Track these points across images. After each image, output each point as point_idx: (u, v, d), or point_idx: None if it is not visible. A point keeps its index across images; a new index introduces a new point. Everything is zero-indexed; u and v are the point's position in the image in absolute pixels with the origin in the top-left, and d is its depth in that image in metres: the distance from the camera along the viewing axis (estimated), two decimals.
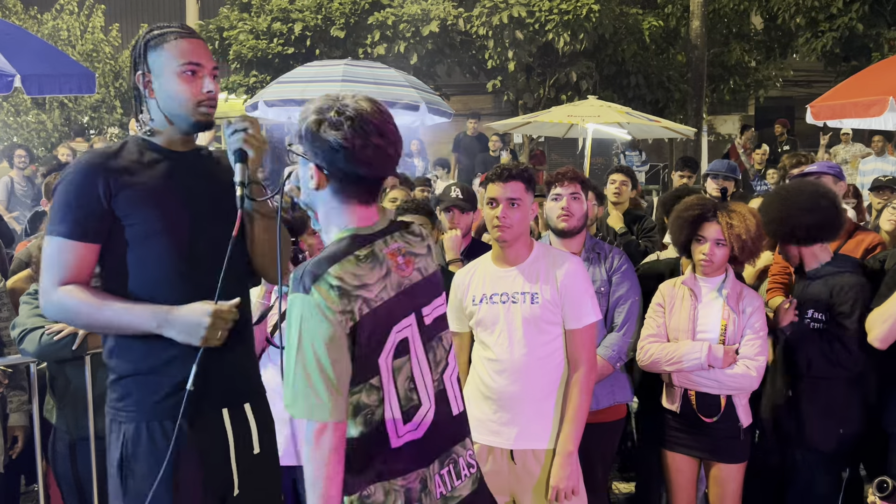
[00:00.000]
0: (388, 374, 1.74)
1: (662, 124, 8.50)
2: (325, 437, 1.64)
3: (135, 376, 1.94)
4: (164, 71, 1.94)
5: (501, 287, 2.67)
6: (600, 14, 11.21)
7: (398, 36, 11.97)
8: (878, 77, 6.58)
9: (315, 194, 1.74)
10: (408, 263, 1.80)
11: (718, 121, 17.54)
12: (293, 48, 12.00)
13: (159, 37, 1.96)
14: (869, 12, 11.91)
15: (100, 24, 13.58)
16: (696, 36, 12.46)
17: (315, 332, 1.63)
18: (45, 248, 1.92)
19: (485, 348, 2.70)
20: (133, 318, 1.89)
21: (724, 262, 2.97)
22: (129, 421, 1.93)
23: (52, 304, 1.92)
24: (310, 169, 1.71)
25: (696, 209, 3.03)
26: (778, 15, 13.13)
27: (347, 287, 1.65)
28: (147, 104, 1.98)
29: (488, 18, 11.69)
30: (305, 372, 1.63)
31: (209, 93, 1.96)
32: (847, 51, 12.54)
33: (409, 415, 1.77)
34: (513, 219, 2.61)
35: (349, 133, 1.66)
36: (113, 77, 13.42)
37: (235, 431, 2.03)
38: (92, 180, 1.90)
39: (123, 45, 14.18)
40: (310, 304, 1.63)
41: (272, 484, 2.17)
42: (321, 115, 1.68)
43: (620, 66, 12.27)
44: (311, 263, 1.67)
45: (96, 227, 1.91)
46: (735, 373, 2.87)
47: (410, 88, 7.12)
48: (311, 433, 1.66)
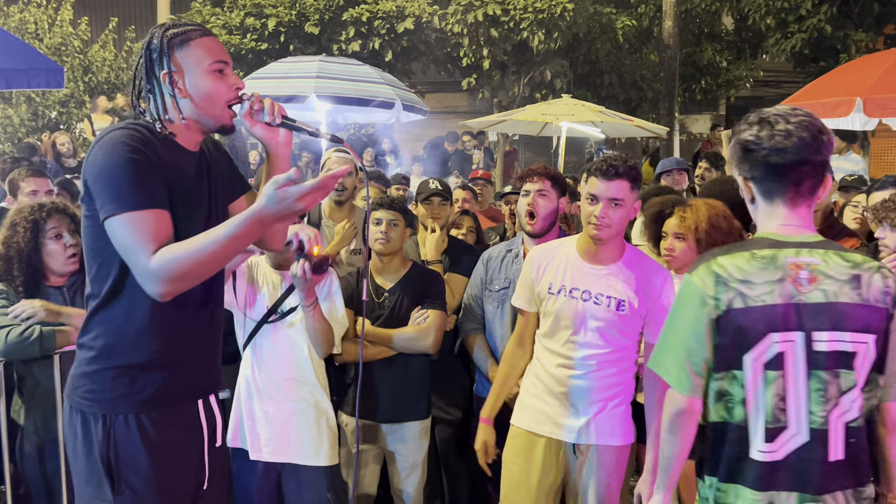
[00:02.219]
0: (754, 378, 1.79)
1: (635, 123, 8.57)
2: (670, 403, 1.87)
3: (124, 369, 1.90)
4: (195, 69, 1.91)
5: (585, 283, 2.61)
6: (574, 13, 11.28)
7: (373, 33, 11.93)
8: (846, 78, 6.70)
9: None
10: (811, 280, 1.77)
11: (690, 120, 17.73)
12: (267, 44, 11.90)
13: (183, 35, 1.93)
14: (837, 14, 12.11)
15: (68, 17, 13.32)
16: (669, 36, 12.58)
17: (683, 308, 1.85)
18: (120, 229, 1.76)
19: (551, 340, 2.67)
20: (235, 228, 1.75)
21: (686, 256, 3.00)
22: (112, 413, 1.90)
23: (153, 277, 1.75)
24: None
25: (658, 206, 3.10)
26: (749, 16, 13.30)
27: (726, 277, 1.79)
28: (177, 101, 1.92)
29: (463, 16, 11.70)
30: (671, 341, 1.86)
31: (237, 88, 1.96)
32: (816, 52, 12.74)
33: (773, 434, 1.78)
34: (612, 218, 2.52)
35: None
36: (82, 72, 13.19)
37: (208, 425, 2.04)
38: (146, 150, 1.82)
39: (92, 39, 13.95)
40: (688, 282, 1.84)
41: (225, 470, 2.20)
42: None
43: (594, 64, 12.36)
44: (717, 249, 1.87)
45: (162, 194, 1.82)
46: None
47: (385, 86, 7.10)
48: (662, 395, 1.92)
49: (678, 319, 1.87)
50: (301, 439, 2.94)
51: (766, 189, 1.83)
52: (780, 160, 1.76)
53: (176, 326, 1.94)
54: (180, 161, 1.93)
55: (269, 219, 1.75)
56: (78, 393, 1.93)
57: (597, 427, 2.62)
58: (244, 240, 1.78)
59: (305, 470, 2.96)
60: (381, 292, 3.19)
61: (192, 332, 1.99)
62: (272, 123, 1.99)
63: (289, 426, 2.93)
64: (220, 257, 1.79)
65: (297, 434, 2.93)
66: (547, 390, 2.66)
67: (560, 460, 2.66)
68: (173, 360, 1.94)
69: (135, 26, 15.01)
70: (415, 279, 3.22)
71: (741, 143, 1.82)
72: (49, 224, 2.94)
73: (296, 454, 2.94)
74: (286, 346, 2.95)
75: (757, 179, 1.84)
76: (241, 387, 3.00)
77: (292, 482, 2.98)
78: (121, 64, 13.87)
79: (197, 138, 2.00)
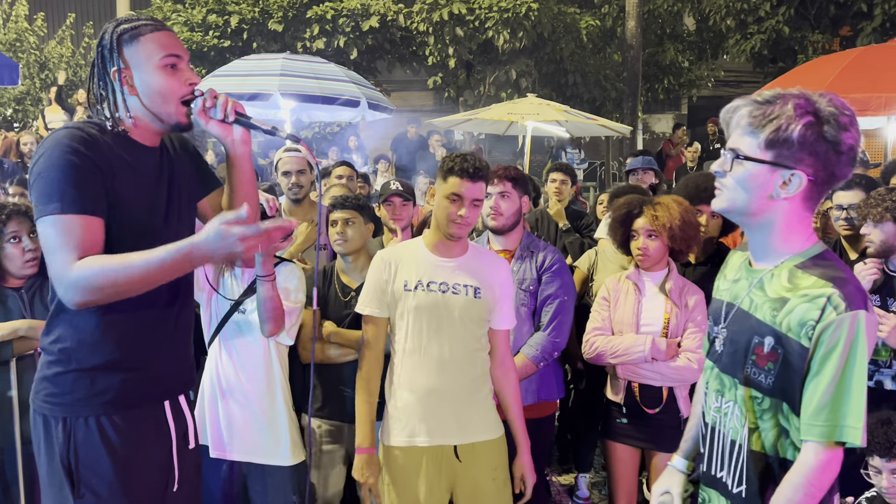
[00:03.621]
0: None
1: (599, 122, 8.66)
2: (835, 465, 1.56)
3: (84, 372, 1.87)
4: (145, 65, 1.86)
5: (440, 276, 2.60)
6: (539, 13, 11.36)
7: (338, 30, 11.87)
8: (803, 78, 6.84)
9: (776, 204, 1.62)
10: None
11: (653, 119, 17.99)
12: (229, 41, 11.77)
13: (133, 30, 1.88)
14: (794, 16, 12.39)
15: (24, 12, 13.03)
16: (632, 36, 12.73)
17: (869, 351, 1.56)
18: (47, 230, 1.73)
19: (410, 339, 2.59)
20: (166, 256, 1.69)
21: (659, 253, 3.04)
22: (73, 416, 1.86)
23: (72, 284, 1.70)
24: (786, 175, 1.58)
25: (625, 207, 3.11)
26: (709, 17, 13.54)
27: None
28: (125, 100, 1.88)
29: (428, 15, 11.70)
30: (848, 392, 1.54)
31: (192, 84, 1.91)
32: (774, 52, 13.01)
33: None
34: (473, 217, 2.58)
35: (855, 134, 1.57)
36: (38, 68, 12.90)
37: (177, 428, 2.01)
38: (88, 152, 1.77)
39: (49, 35, 13.66)
40: (872, 324, 1.57)
41: (199, 478, 2.17)
42: (817, 116, 1.55)
43: (559, 64, 12.46)
44: (844, 278, 1.58)
45: (100, 200, 1.77)
46: (677, 365, 2.95)
47: (350, 84, 7.06)
48: (820, 459, 1.56)
49: (860, 362, 1.56)
50: (263, 439, 2.92)
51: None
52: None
53: (138, 328, 1.91)
54: (135, 157, 1.89)
55: (202, 253, 1.68)
56: (39, 396, 1.90)
57: (473, 424, 2.59)
58: (173, 270, 1.72)
59: (270, 470, 2.94)
60: (347, 291, 3.18)
61: (157, 334, 1.95)
62: (226, 120, 1.94)
63: (251, 425, 2.92)
64: (146, 281, 1.73)
65: (259, 434, 2.92)
66: (411, 394, 2.57)
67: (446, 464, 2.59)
68: (136, 362, 1.91)
69: (93, 22, 14.71)
70: None
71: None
72: (8, 227, 2.87)
73: (258, 453, 2.93)
74: (250, 344, 2.93)
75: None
76: (206, 384, 2.99)
77: (258, 483, 2.97)
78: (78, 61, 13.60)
79: (154, 133, 1.96)
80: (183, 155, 2.07)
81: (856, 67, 6.27)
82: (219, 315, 2.98)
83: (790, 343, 1.59)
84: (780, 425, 1.64)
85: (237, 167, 2.04)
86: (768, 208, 1.62)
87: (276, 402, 2.94)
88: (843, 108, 1.56)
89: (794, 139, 1.54)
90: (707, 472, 1.82)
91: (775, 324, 1.62)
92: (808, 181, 1.57)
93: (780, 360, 1.61)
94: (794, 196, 1.59)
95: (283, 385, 2.97)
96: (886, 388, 2.88)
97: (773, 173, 1.58)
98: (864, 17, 11.99)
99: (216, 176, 2.19)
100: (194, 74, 1.94)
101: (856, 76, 6.15)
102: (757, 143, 1.59)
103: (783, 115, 1.55)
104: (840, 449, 1.56)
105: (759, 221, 1.65)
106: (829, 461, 1.56)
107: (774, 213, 1.62)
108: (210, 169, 2.18)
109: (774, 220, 1.63)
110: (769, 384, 1.64)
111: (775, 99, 1.57)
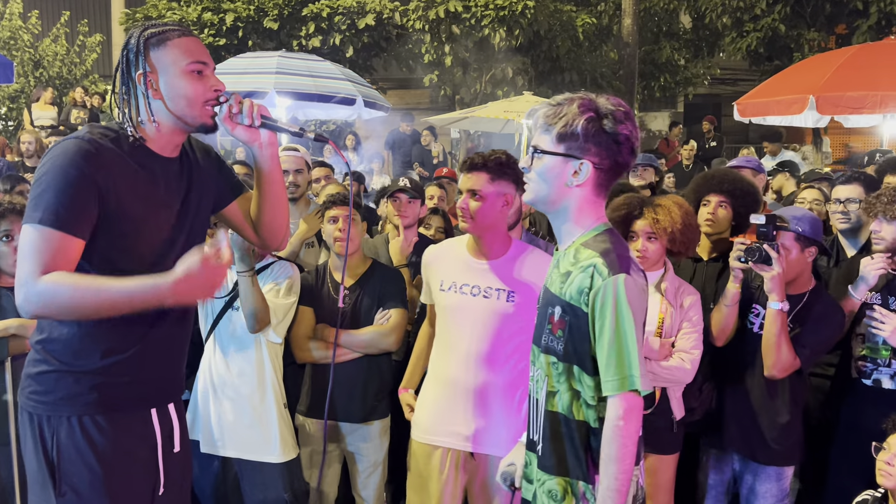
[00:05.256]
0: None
1: None
2: (636, 411, 1.75)
3: (67, 372, 1.86)
4: (172, 69, 1.87)
5: (473, 279, 2.59)
6: (535, 10, 11.35)
7: (333, 28, 11.85)
8: (799, 76, 6.86)
9: (571, 192, 1.84)
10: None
11: (649, 117, 17.99)
12: (224, 39, 11.74)
13: (161, 34, 1.87)
14: (790, 14, 12.40)
15: (18, 10, 12.98)
16: (628, 34, 12.73)
17: (639, 310, 1.77)
18: (25, 236, 1.76)
19: (442, 336, 2.66)
20: (134, 286, 1.71)
21: (658, 255, 3.02)
22: (56, 415, 1.86)
23: (34, 294, 1.72)
24: (576, 165, 1.81)
25: (624, 208, 3.08)
26: (705, 15, 13.55)
27: (643, 272, 1.86)
28: (149, 104, 1.88)
29: (425, 13, 11.68)
30: (626, 346, 1.74)
31: (217, 91, 1.91)
32: (770, 50, 13.03)
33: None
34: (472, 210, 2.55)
35: (630, 126, 1.81)
36: (33, 66, 12.86)
37: (162, 432, 2.00)
38: (91, 166, 1.77)
39: (44, 32, 13.60)
40: (634, 285, 1.78)
41: (187, 476, 2.16)
42: (597, 112, 1.79)
43: (555, 62, 12.45)
44: (611, 249, 1.80)
45: (86, 220, 1.78)
46: (670, 365, 2.93)
47: (346, 82, 7.04)
48: (621, 409, 1.75)
49: (629, 319, 1.81)
50: (254, 435, 2.93)
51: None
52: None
53: (128, 342, 1.90)
54: (151, 167, 1.89)
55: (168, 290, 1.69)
56: (24, 394, 1.90)
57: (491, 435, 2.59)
58: (135, 302, 1.72)
59: (261, 467, 2.94)
60: None
61: (147, 341, 1.93)
62: (252, 125, 1.95)
63: (242, 421, 2.92)
64: (107, 308, 1.73)
65: (250, 430, 2.92)
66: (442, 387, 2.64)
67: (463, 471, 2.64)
68: (124, 367, 1.89)
69: (87, 20, 14.67)
70: (374, 277, 3.19)
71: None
72: (1, 225, 2.85)
73: (249, 450, 2.93)
74: (242, 341, 2.93)
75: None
76: (199, 380, 2.99)
77: (249, 480, 2.96)
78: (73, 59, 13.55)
79: (175, 142, 1.95)
80: (205, 163, 2.07)
81: (851, 65, 6.28)
82: (214, 311, 2.98)
83: (574, 310, 1.81)
84: (573, 388, 1.84)
85: (265, 171, 2.04)
86: (565, 195, 1.84)
87: (267, 398, 2.94)
88: (618, 105, 1.82)
89: (579, 132, 1.78)
90: (529, 438, 1.99)
91: (562, 294, 1.84)
92: (595, 169, 1.81)
93: (567, 327, 1.83)
94: (584, 183, 1.82)
95: (274, 382, 2.96)
96: (885, 386, 2.88)
97: (565, 164, 1.82)
98: (860, 15, 12.01)
99: (242, 182, 2.18)
100: (219, 81, 1.94)
101: (851, 74, 6.16)
102: (551, 139, 1.82)
103: (570, 113, 1.79)
104: (635, 396, 1.75)
105: (558, 209, 1.87)
106: (629, 410, 1.75)
107: (570, 200, 1.85)
108: (235, 174, 2.18)
109: (570, 205, 1.85)
110: (561, 350, 1.84)
111: (564, 101, 1.82)
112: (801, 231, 2.82)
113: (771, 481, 2.90)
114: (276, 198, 2.09)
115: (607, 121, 1.79)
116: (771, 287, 2.74)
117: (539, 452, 1.91)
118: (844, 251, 3.54)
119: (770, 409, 2.89)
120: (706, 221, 3.31)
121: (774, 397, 2.88)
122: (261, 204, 2.10)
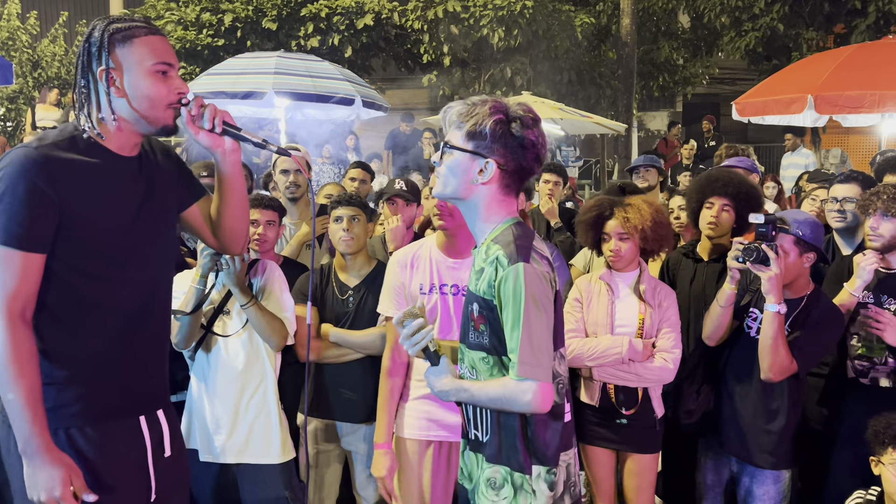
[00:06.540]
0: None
1: (594, 120, 8.67)
2: (546, 399, 1.80)
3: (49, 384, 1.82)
4: (136, 69, 1.83)
5: (451, 278, 2.58)
6: (534, 10, 11.34)
7: (332, 29, 11.84)
8: (798, 76, 6.86)
9: (478, 188, 1.90)
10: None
11: (648, 117, 18.00)
12: (223, 40, 11.73)
13: (126, 31, 1.83)
14: (789, 13, 12.41)
15: (16, 11, 12.96)
16: (627, 33, 12.73)
17: (541, 296, 1.80)
18: None
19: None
20: (33, 415, 1.73)
21: (632, 254, 3.03)
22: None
23: None
24: (482, 164, 1.87)
25: (595, 210, 3.10)
26: (704, 14, 13.55)
27: (548, 261, 1.90)
28: (111, 101, 1.84)
29: (423, 12, 11.68)
30: (532, 334, 1.78)
31: (180, 93, 1.88)
32: (769, 50, 13.03)
33: (568, 395, 1.97)
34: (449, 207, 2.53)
35: (537, 132, 1.87)
36: (31, 67, 12.84)
37: (152, 437, 1.97)
38: (42, 178, 1.72)
39: (42, 33, 13.59)
40: (534, 272, 1.81)
41: (183, 485, 2.14)
42: (507, 115, 1.85)
43: (553, 62, 12.44)
44: (512, 241, 1.84)
45: (45, 232, 1.73)
46: (654, 366, 2.94)
47: (345, 82, 7.04)
48: (532, 397, 1.79)
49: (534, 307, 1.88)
50: (252, 438, 2.91)
51: None
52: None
53: (105, 344, 1.87)
54: (107, 167, 1.86)
55: (35, 451, 1.73)
56: None
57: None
58: (21, 417, 1.73)
59: (260, 468, 2.93)
60: (345, 290, 3.16)
61: (127, 349, 1.91)
62: (213, 131, 1.92)
63: (239, 425, 2.91)
64: (8, 391, 1.74)
65: (247, 433, 2.91)
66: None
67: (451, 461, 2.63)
68: (104, 377, 1.87)
69: (86, 20, 14.63)
70: (380, 278, 3.19)
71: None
72: None
73: (247, 453, 2.92)
74: (235, 344, 2.92)
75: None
76: (192, 387, 2.97)
77: (247, 482, 2.96)
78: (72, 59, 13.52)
79: (133, 140, 1.92)
80: (165, 163, 2.03)
81: (850, 65, 6.28)
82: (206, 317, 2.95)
83: (488, 304, 1.86)
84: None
85: (227, 177, 2.01)
86: (472, 192, 1.90)
87: (265, 399, 2.93)
88: (528, 111, 1.89)
89: (487, 132, 1.84)
90: (465, 436, 2.03)
91: (477, 290, 1.90)
92: (500, 170, 1.87)
93: (486, 321, 1.88)
94: (490, 182, 1.88)
95: (267, 382, 2.94)
96: (881, 385, 2.88)
97: (472, 161, 1.88)
98: (859, 15, 12.01)
99: (202, 184, 2.15)
100: (183, 83, 1.91)
101: (850, 73, 6.16)
102: (461, 136, 1.88)
103: (481, 113, 1.85)
104: (542, 384, 1.80)
105: (467, 204, 1.93)
106: (542, 393, 1.79)
107: (477, 197, 1.91)
108: (195, 177, 2.15)
109: (478, 202, 1.91)
110: (486, 343, 1.89)
111: (478, 102, 1.88)
112: (802, 235, 2.81)
113: (768, 483, 2.90)
114: (237, 204, 2.06)
115: (515, 125, 1.85)
116: (768, 288, 2.73)
117: (485, 442, 1.94)
118: (840, 250, 3.54)
119: (767, 413, 2.88)
120: (709, 224, 3.30)
121: (772, 401, 2.88)
122: (221, 210, 2.07)
